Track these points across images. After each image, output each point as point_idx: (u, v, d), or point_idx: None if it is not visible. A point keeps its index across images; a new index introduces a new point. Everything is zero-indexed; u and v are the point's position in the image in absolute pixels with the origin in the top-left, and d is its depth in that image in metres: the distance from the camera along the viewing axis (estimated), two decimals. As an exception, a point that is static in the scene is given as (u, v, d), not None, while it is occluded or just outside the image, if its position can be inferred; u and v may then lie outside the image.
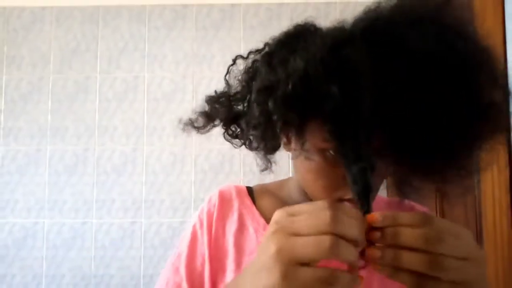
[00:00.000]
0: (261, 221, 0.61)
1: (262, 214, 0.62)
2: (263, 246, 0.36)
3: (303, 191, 0.57)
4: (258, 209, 0.63)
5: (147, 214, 1.78)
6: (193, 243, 0.61)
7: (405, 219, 0.35)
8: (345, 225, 0.33)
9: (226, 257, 0.60)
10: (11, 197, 1.80)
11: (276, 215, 0.37)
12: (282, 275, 0.32)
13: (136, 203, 1.79)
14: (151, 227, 1.77)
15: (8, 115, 1.84)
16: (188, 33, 1.86)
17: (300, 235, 0.33)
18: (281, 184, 0.66)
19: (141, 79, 1.85)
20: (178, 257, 0.61)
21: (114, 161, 1.81)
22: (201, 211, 0.64)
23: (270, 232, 0.35)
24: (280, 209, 0.37)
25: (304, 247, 0.33)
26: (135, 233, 1.77)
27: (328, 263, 0.34)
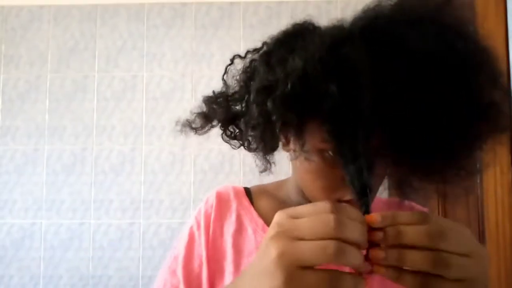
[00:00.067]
0: (260, 221, 0.61)
1: (260, 214, 0.62)
2: (264, 249, 0.35)
3: (301, 191, 0.57)
4: (256, 209, 0.63)
5: (145, 215, 1.77)
6: (190, 244, 0.61)
7: (405, 218, 0.35)
8: (349, 228, 0.33)
9: (224, 258, 0.59)
10: (8, 197, 1.80)
11: (276, 217, 0.36)
12: (285, 279, 0.32)
13: (135, 203, 1.78)
14: (149, 228, 1.77)
15: (5, 114, 1.83)
16: (187, 31, 1.85)
17: (303, 239, 0.33)
18: (279, 185, 0.66)
19: (139, 78, 1.84)
20: (175, 259, 0.61)
21: (112, 161, 1.80)
22: (198, 212, 0.63)
23: (271, 235, 0.34)
24: (280, 211, 0.37)
25: (308, 252, 0.32)
26: (133, 234, 1.76)
27: (329, 264, 0.34)
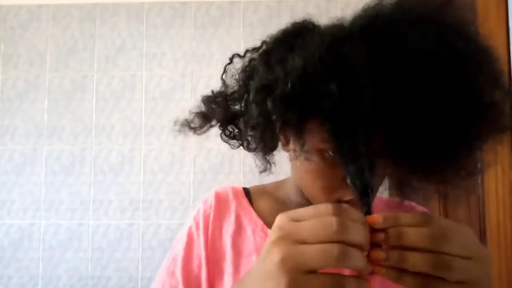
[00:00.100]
0: (259, 222, 0.60)
1: (260, 215, 0.61)
2: (266, 254, 0.34)
3: (300, 191, 0.56)
4: (256, 210, 0.62)
5: (145, 215, 1.77)
6: (189, 245, 0.60)
7: (407, 219, 0.35)
8: (351, 231, 0.32)
9: (224, 259, 0.59)
10: (7, 198, 1.79)
11: (278, 220, 0.36)
12: (289, 284, 0.32)
13: (134, 203, 1.78)
14: (149, 229, 1.76)
15: (4, 114, 1.83)
16: (186, 31, 1.85)
17: (305, 242, 0.33)
18: (278, 185, 0.66)
19: (139, 77, 1.83)
20: (174, 260, 0.60)
21: (112, 161, 1.80)
22: (196, 213, 0.63)
23: (273, 239, 0.34)
24: (282, 214, 0.36)
25: (311, 256, 0.32)
26: (133, 235, 1.76)
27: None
